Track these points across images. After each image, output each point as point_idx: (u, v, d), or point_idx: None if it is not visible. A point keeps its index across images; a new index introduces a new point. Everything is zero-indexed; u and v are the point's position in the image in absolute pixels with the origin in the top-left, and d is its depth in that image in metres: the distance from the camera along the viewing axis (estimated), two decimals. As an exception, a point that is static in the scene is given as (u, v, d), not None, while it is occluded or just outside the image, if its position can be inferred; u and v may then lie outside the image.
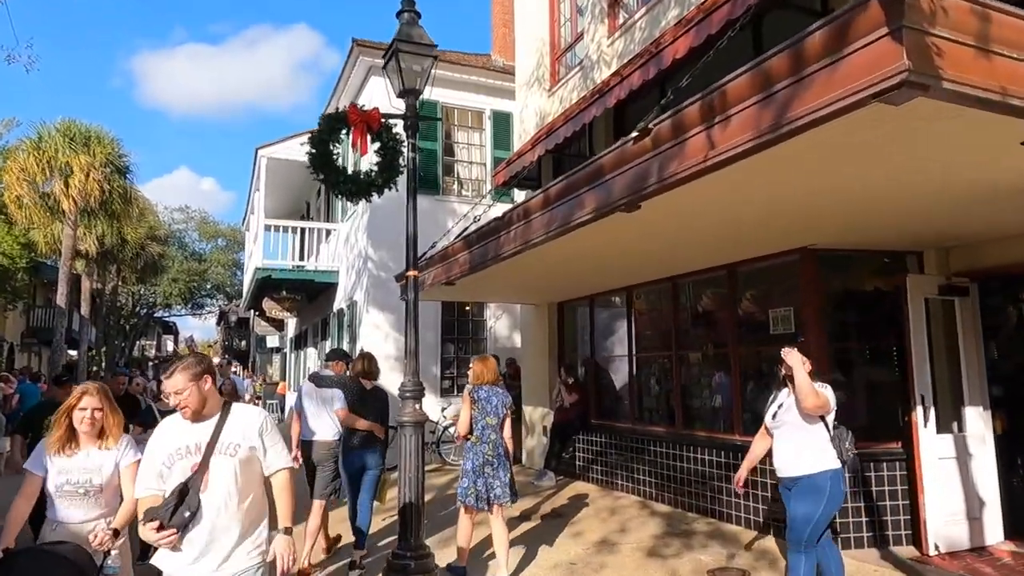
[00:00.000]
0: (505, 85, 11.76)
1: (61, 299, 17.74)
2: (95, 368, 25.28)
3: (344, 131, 4.70)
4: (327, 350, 14.86)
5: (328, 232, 13.77)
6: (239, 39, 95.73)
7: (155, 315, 46.50)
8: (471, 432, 5.09)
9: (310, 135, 4.57)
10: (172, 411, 2.64)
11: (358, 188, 4.78)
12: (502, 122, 11.96)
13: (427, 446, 10.08)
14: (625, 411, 8.31)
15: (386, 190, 5.18)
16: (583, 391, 8.76)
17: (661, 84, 7.72)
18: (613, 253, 6.27)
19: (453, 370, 11.37)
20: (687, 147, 3.49)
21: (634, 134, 3.87)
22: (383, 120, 4.83)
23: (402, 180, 5.33)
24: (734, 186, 3.83)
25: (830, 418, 4.01)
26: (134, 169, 19.11)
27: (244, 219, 18.57)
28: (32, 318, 26.02)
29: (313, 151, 4.59)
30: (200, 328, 58.46)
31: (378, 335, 10.62)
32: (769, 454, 4.30)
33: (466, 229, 7.08)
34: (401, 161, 5.07)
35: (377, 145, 5.07)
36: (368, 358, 5.73)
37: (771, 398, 4.40)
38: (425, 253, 8.30)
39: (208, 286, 44.92)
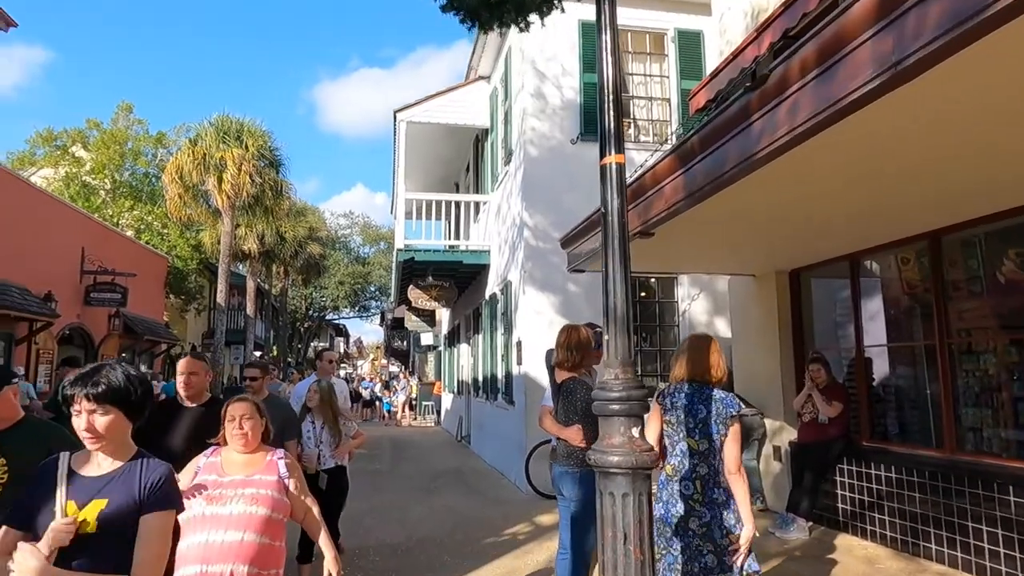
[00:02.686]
0: (693, -5, 8.99)
1: (221, 297, 17.52)
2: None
3: None
4: (480, 344, 12.98)
5: (477, 207, 11.78)
6: (407, 61, 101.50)
7: (326, 318, 48.68)
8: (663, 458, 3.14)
9: None
10: None
11: (500, -5, 2.39)
12: (690, 44, 9.18)
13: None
14: (932, 431, 5.24)
15: (550, 12, 2.69)
16: (847, 399, 5.80)
17: None
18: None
19: (636, 367, 8.76)
20: None
21: None
22: None
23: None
24: None
25: None
26: (286, 163, 18.55)
27: (391, 206, 17.31)
28: (211, 320, 27.12)
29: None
30: (374, 332, 60.90)
31: (539, 323, 8.31)
32: None
33: (685, 136, 4.51)
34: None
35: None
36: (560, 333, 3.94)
37: None
38: (593, 215, 5.87)
39: (372, 288, 46.20)
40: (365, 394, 25.06)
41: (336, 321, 52.41)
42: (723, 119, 3.57)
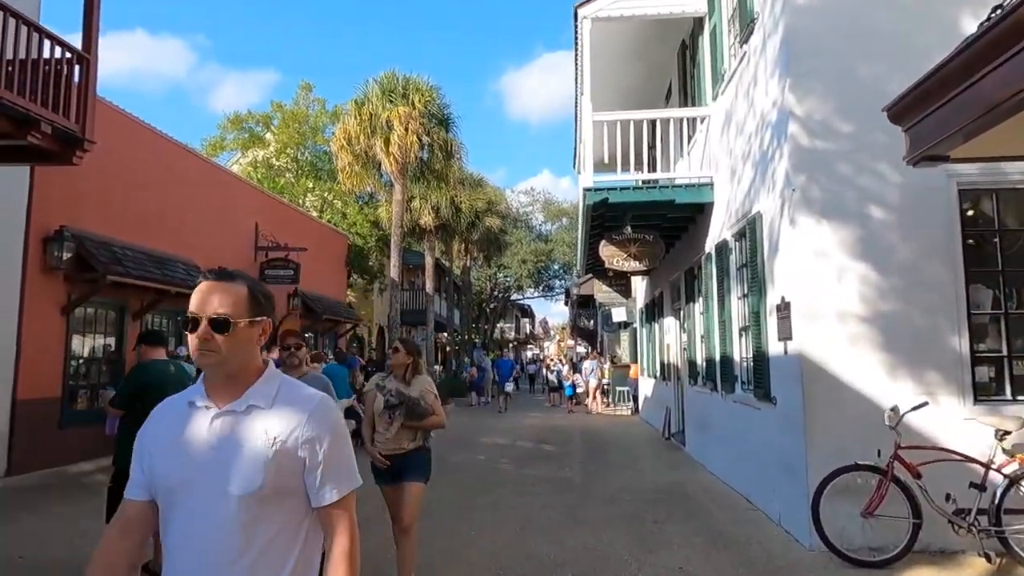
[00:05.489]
0: None
1: (395, 272, 16.21)
2: (451, 348, 24.66)
3: None
4: (697, 315, 9.88)
5: (692, 128, 8.67)
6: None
7: (511, 298, 47.86)
8: None
9: None
10: None
11: None
12: None
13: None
14: None
15: None
16: None
17: None
18: None
19: (999, 344, 5.20)
20: None
21: None
22: None
23: None
24: None
25: None
26: (457, 122, 16.69)
27: (574, 158, 14.69)
28: (390, 298, 26.70)
29: None
30: (559, 314, 59.61)
31: (822, 272, 5.14)
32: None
33: None
34: None
35: None
36: None
37: None
38: (938, 69, 2.73)
39: (555, 267, 44.46)
40: (552, 378, 22.95)
41: (521, 302, 51.54)
42: None
